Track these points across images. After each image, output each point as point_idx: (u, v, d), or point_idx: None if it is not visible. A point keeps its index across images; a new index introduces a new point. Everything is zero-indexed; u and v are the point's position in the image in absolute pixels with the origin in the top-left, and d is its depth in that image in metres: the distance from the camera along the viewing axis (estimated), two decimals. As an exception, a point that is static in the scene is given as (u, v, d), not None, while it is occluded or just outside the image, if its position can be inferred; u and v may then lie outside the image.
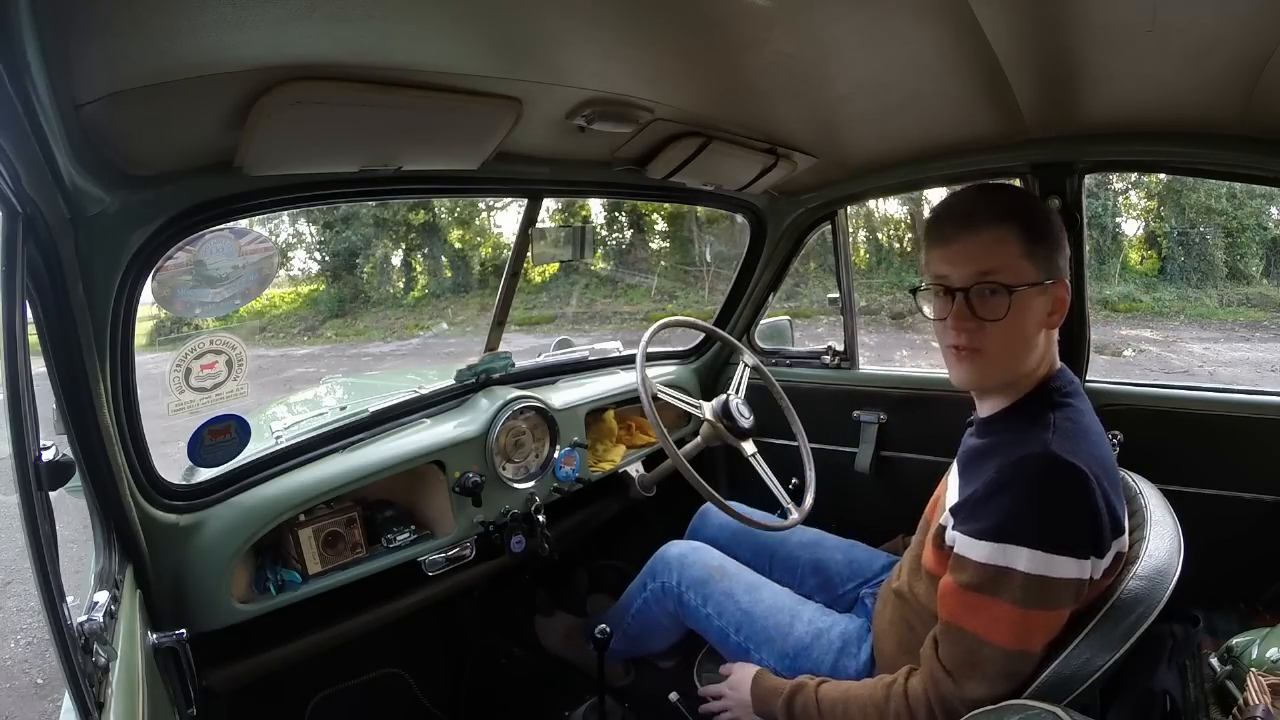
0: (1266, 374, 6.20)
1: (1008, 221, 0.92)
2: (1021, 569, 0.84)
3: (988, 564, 0.86)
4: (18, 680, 2.61)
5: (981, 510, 0.89)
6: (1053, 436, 0.88)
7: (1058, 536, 0.84)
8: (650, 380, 1.49)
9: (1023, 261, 0.92)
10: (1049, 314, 0.95)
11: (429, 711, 1.66)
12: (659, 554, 1.39)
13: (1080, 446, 0.88)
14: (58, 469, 0.73)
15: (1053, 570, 0.84)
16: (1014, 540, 0.85)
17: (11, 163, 0.65)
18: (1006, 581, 0.85)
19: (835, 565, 1.40)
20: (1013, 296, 0.91)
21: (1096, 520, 0.86)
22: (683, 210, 9.49)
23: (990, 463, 0.93)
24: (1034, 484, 0.86)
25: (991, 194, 0.98)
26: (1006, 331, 0.93)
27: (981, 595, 0.87)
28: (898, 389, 1.82)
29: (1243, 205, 8.10)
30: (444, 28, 0.85)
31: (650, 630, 1.40)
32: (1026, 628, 0.86)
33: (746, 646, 1.20)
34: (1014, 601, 0.85)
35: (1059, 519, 0.85)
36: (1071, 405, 0.95)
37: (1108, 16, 0.88)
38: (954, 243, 0.95)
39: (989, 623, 0.86)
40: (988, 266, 0.92)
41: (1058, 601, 0.85)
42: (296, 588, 1.22)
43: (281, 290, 10.70)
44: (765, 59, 1.04)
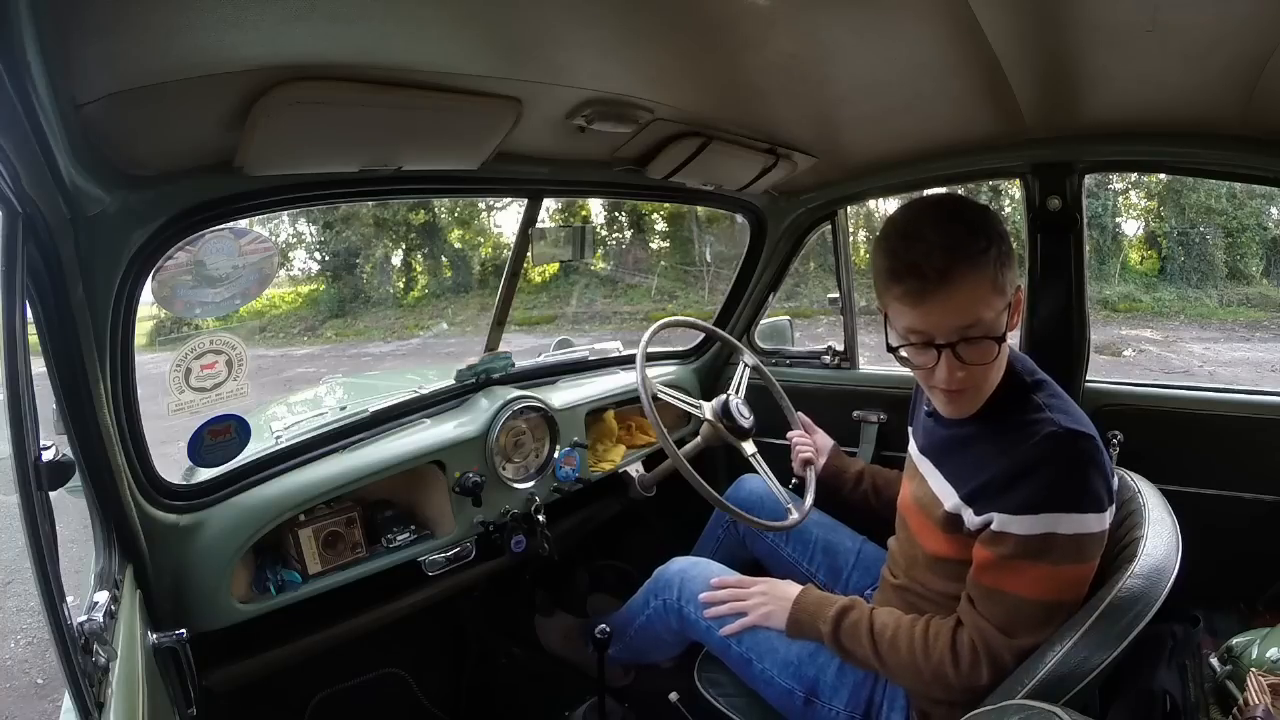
0: (1266, 374, 6.21)
1: (981, 267, 0.90)
2: (1064, 532, 0.91)
3: (1032, 535, 0.92)
4: (18, 680, 2.61)
5: (1015, 488, 0.94)
6: (1055, 415, 0.96)
7: (1090, 498, 0.92)
8: (650, 380, 1.49)
9: (992, 297, 0.92)
10: (1011, 319, 0.99)
11: (429, 711, 1.66)
12: (660, 571, 1.38)
13: (1075, 415, 0.98)
14: (58, 469, 0.73)
15: (1085, 527, 0.91)
16: (1054, 508, 0.91)
17: (11, 163, 0.65)
18: (1051, 547, 0.91)
19: (845, 553, 1.44)
20: (1001, 344, 0.95)
21: (1107, 476, 0.95)
22: (683, 210, 9.49)
23: (989, 447, 0.99)
24: (1065, 456, 0.92)
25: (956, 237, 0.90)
26: (990, 368, 0.97)
27: (1024, 561, 0.93)
28: (898, 389, 1.82)
29: (1243, 205, 8.11)
30: (444, 28, 0.85)
31: (653, 645, 1.40)
32: (1064, 581, 0.93)
33: (749, 657, 1.19)
34: (1054, 562, 0.92)
35: (1086, 483, 0.92)
36: (1043, 381, 1.04)
37: (1108, 16, 0.88)
38: (928, 302, 0.91)
39: (1030, 582, 0.93)
40: (970, 320, 0.92)
41: (1088, 555, 0.93)
42: (296, 588, 1.22)
43: (281, 290, 10.70)
44: (765, 59, 1.04)
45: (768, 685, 1.17)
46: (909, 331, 0.96)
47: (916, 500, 1.13)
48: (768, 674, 1.16)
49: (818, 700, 1.12)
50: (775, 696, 1.17)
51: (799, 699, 1.13)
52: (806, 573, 1.45)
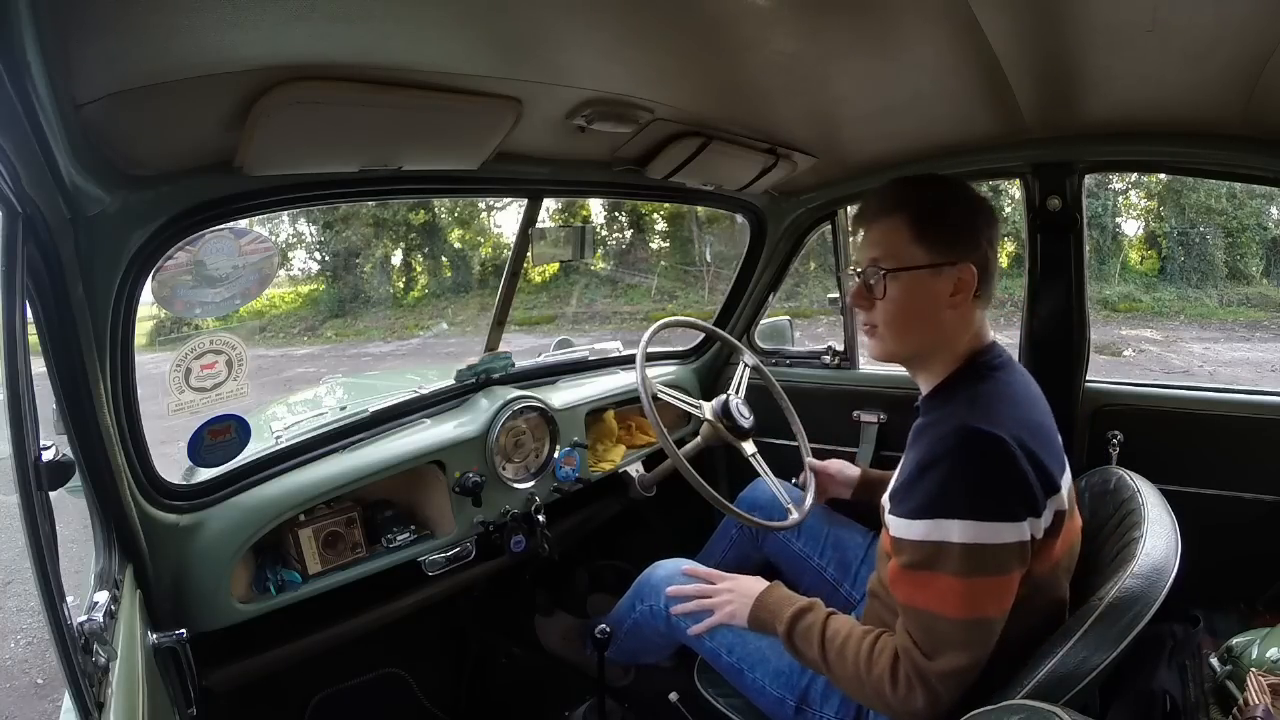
0: (1266, 374, 6.21)
1: (897, 212, 1.00)
2: (957, 540, 0.87)
3: (923, 541, 0.89)
4: (18, 680, 2.61)
5: (911, 490, 0.93)
6: (970, 410, 0.93)
7: (988, 504, 0.87)
8: (650, 380, 1.49)
9: (911, 247, 0.99)
10: (951, 294, 0.99)
11: (429, 711, 1.66)
12: (645, 575, 1.37)
13: (998, 413, 0.92)
14: (58, 469, 0.73)
15: (989, 537, 0.86)
16: (945, 514, 0.88)
17: (11, 163, 0.65)
18: (944, 555, 0.88)
19: (855, 547, 1.44)
20: (888, 278, 1.00)
21: (1023, 483, 0.88)
22: (683, 210, 9.49)
23: (922, 440, 0.97)
24: (954, 457, 0.89)
25: (888, 189, 1.04)
26: (891, 309, 1.01)
27: (924, 572, 0.90)
28: (898, 389, 1.82)
29: (1243, 205, 8.10)
30: (444, 28, 0.85)
31: (644, 647, 1.40)
32: (974, 595, 0.88)
33: (740, 667, 1.18)
34: (954, 573, 0.87)
35: (985, 487, 0.88)
36: (997, 377, 0.99)
37: (1108, 16, 0.88)
38: (858, 233, 1.07)
39: (937, 597, 0.89)
40: (877, 254, 1.01)
41: (1001, 567, 0.88)
42: (296, 588, 1.22)
43: (281, 290, 10.69)
44: (765, 59, 1.04)
45: (759, 694, 1.16)
46: (853, 263, 1.09)
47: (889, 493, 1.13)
48: (759, 683, 1.16)
49: (809, 708, 1.12)
50: (767, 705, 1.16)
51: (790, 707, 1.13)
52: (817, 566, 1.45)
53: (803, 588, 1.49)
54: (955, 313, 1.00)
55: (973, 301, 1.00)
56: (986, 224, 1.01)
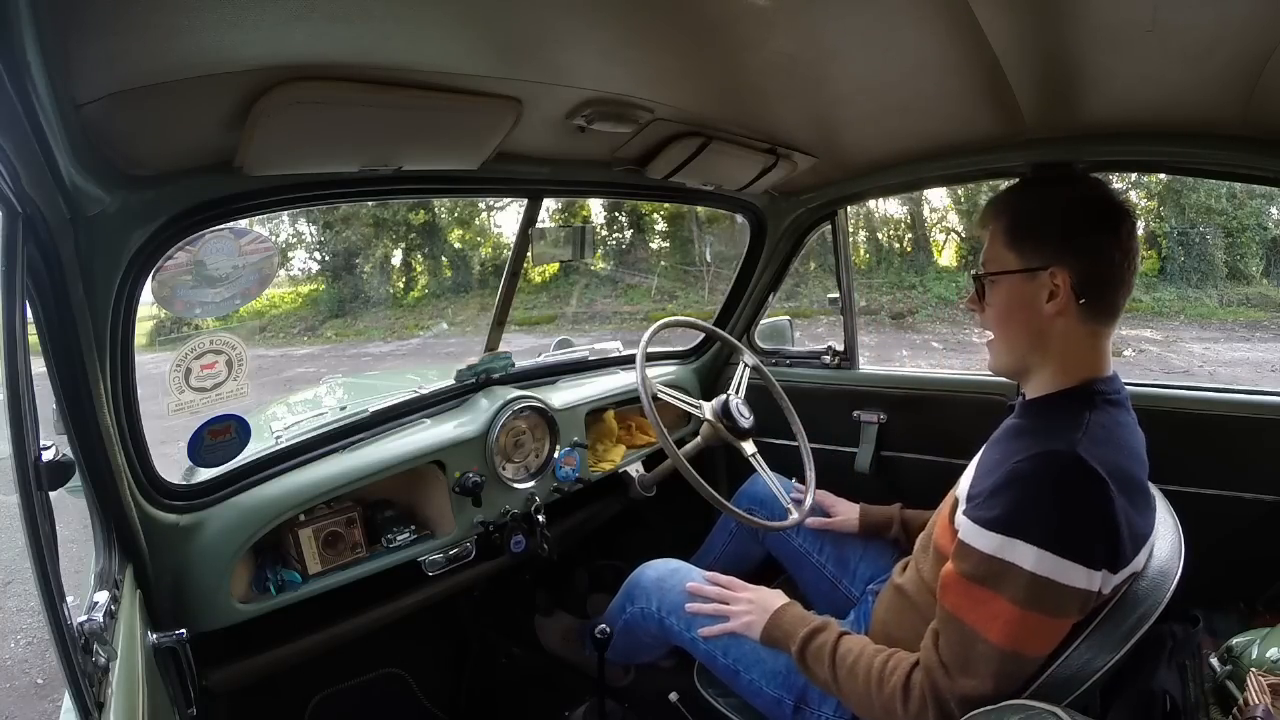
0: (1266, 374, 6.21)
1: (996, 219, 1.01)
2: (1028, 567, 0.81)
3: (993, 556, 0.84)
4: (18, 680, 2.61)
5: (995, 499, 0.87)
6: (1081, 437, 0.86)
7: (1071, 540, 0.81)
8: (650, 380, 1.49)
9: (1006, 252, 0.99)
10: (1047, 301, 0.95)
11: (429, 711, 1.66)
12: (634, 577, 1.36)
13: (1108, 454, 0.86)
14: (58, 469, 0.73)
15: (1060, 575, 0.81)
16: (1024, 536, 0.82)
17: (11, 163, 0.65)
18: (1010, 577, 0.83)
19: (854, 543, 1.45)
20: (989, 283, 1.01)
21: (1114, 531, 0.83)
22: (683, 210, 9.49)
23: (1013, 446, 0.92)
24: (1052, 480, 0.83)
25: (999, 196, 1.06)
26: (997, 316, 1.01)
27: (983, 588, 0.85)
28: (898, 389, 1.82)
29: (1243, 205, 8.10)
30: (444, 28, 0.85)
31: (637, 648, 1.39)
32: (1024, 629, 0.83)
33: (736, 669, 1.17)
34: (1014, 600, 0.82)
35: (1075, 522, 0.82)
36: (1110, 412, 0.93)
37: (1108, 16, 0.88)
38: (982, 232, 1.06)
39: (987, 618, 0.84)
40: (984, 259, 1.02)
41: (1060, 609, 0.83)
42: (296, 588, 1.22)
43: (281, 290, 10.70)
44: (765, 59, 1.04)
45: (756, 695, 1.16)
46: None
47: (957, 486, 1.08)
48: (755, 684, 1.15)
49: (807, 707, 1.12)
50: (765, 705, 1.16)
51: (788, 707, 1.13)
52: (816, 563, 1.45)
53: (802, 584, 1.49)
54: (1063, 322, 0.94)
55: (1081, 314, 0.94)
56: (1091, 228, 0.94)
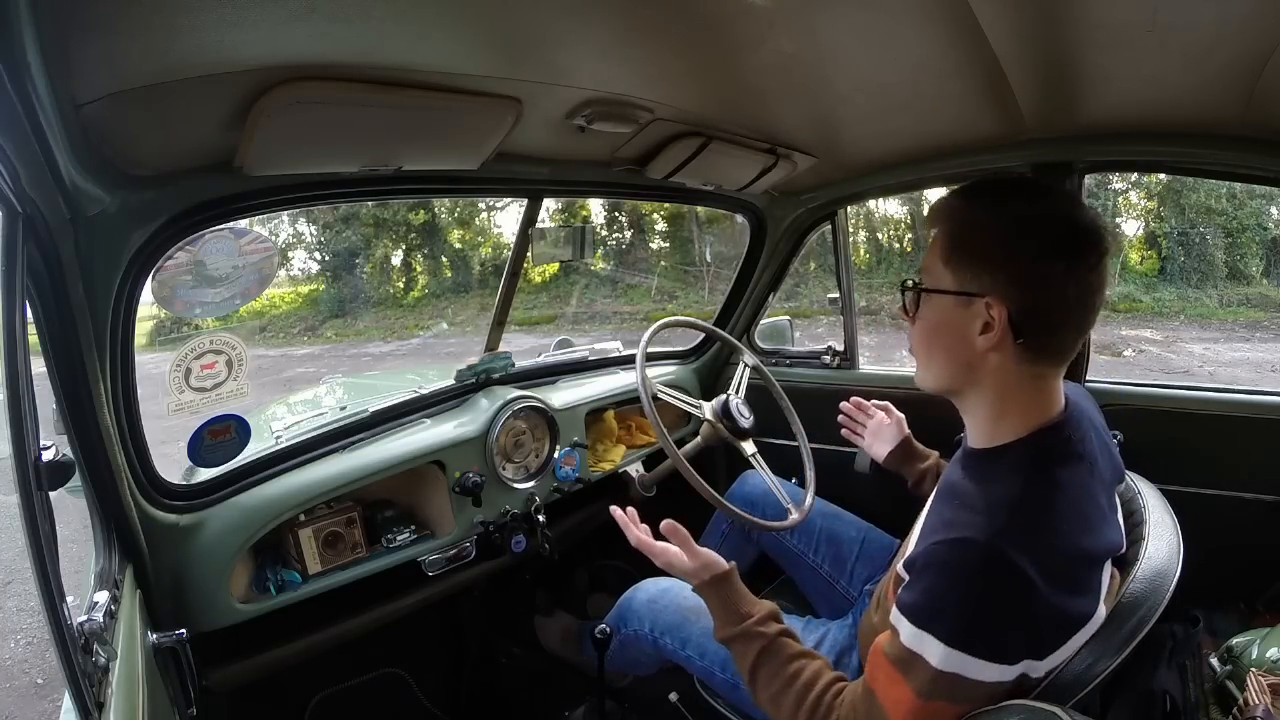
0: (1266, 374, 6.20)
1: (938, 224, 0.89)
2: (934, 663, 0.75)
3: (904, 645, 0.79)
4: (18, 680, 2.61)
5: (915, 582, 0.80)
6: (1008, 519, 0.77)
7: (979, 638, 0.75)
8: (650, 380, 1.49)
9: (941, 267, 0.87)
10: (981, 333, 0.84)
11: (429, 711, 1.66)
12: (626, 598, 1.36)
13: (1040, 538, 0.77)
14: (58, 469, 0.73)
15: (967, 670, 0.75)
16: (932, 631, 0.76)
17: (11, 163, 0.65)
18: (917, 668, 0.77)
19: (849, 543, 1.44)
20: (916, 294, 0.90)
21: (1034, 627, 0.76)
22: (683, 210, 9.49)
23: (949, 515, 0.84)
24: (965, 574, 0.76)
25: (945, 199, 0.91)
26: (922, 334, 0.91)
27: (895, 669, 0.80)
28: (898, 389, 1.82)
29: (1243, 205, 8.10)
30: (444, 28, 0.85)
31: (634, 664, 1.40)
32: (926, 715, 0.77)
33: (734, 682, 1.15)
34: (918, 691, 0.77)
35: (987, 620, 0.75)
36: (1056, 477, 0.82)
37: (1108, 16, 0.88)
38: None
39: (894, 700, 0.80)
40: (923, 266, 0.91)
41: (965, 698, 0.76)
42: (296, 588, 1.22)
43: (281, 290, 10.69)
44: (765, 59, 1.04)
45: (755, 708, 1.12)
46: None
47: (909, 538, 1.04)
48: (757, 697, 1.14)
49: None
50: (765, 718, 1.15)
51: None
52: (812, 563, 1.45)
53: (799, 584, 1.49)
54: (997, 359, 0.84)
55: (1019, 354, 0.83)
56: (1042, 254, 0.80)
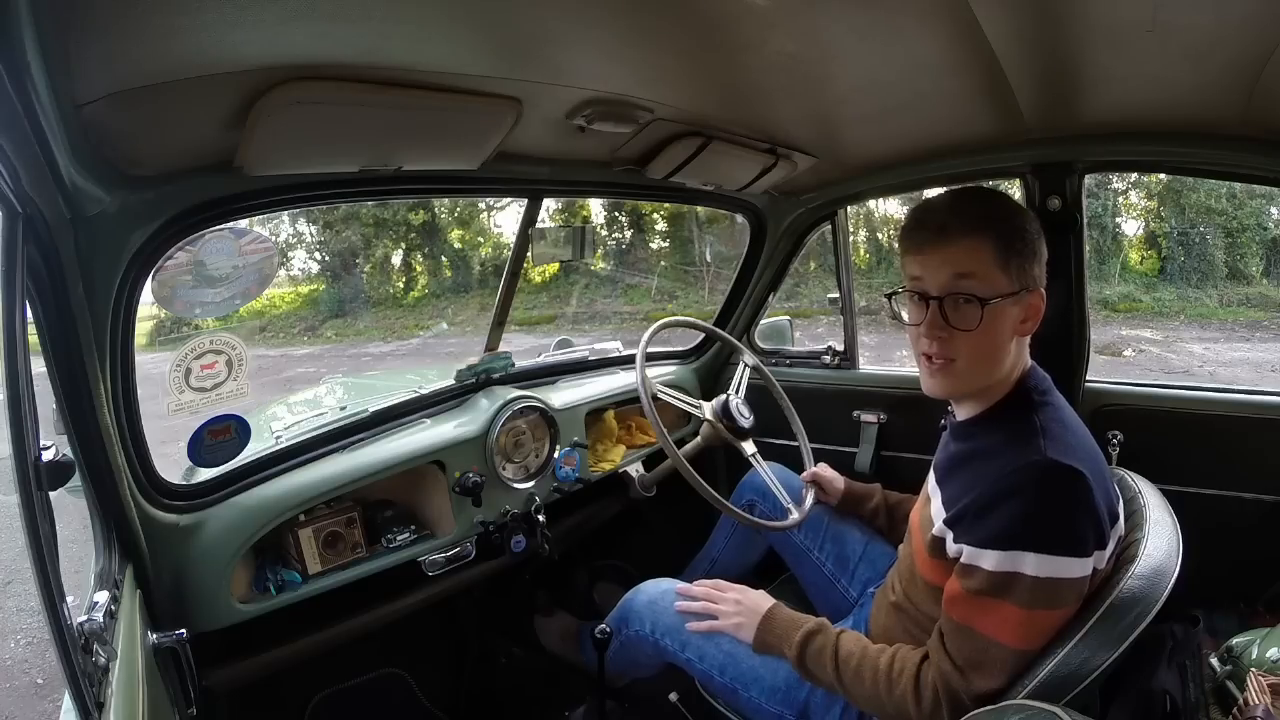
0: (1266, 374, 6.20)
1: (982, 231, 0.93)
2: (1030, 573, 0.86)
3: (996, 571, 0.88)
4: (18, 680, 2.61)
5: (985, 519, 0.90)
6: (1046, 442, 0.89)
7: (1063, 540, 0.86)
8: (650, 380, 1.49)
9: (996, 272, 0.92)
10: (1022, 321, 0.96)
11: (429, 711, 1.66)
12: (627, 599, 1.36)
13: (1072, 446, 0.90)
14: (58, 469, 0.73)
15: (1059, 571, 0.86)
16: (1022, 546, 0.86)
17: (11, 163, 0.65)
18: (1015, 586, 0.87)
19: (854, 543, 1.44)
20: (985, 309, 0.92)
21: (1097, 517, 0.88)
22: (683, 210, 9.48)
23: (978, 468, 0.95)
24: (1037, 490, 0.87)
25: (967, 202, 0.98)
26: (978, 342, 0.94)
27: (991, 599, 0.89)
28: (898, 389, 1.82)
29: (1243, 205, 8.10)
30: (444, 28, 0.85)
31: (634, 666, 1.40)
32: (1033, 627, 0.88)
33: (734, 687, 1.16)
34: (1021, 604, 0.87)
35: (1063, 523, 0.87)
36: (1050, 404, 0.97)
37: (1108, 16, 0.88)
38: (928, 250, 0.95)
39: (998, 624, 0.89)
40: (961, 272, 0.93)
41: (1063, 601, 0.88)
42: (296, 588, 1.22)
43: (281, 290, 10.69)
44: (765, 59, 1.04)
45: (757, 712, 1.15)
46: (911, 279, 0.98)
47: (920, 520, 1.09)
48: (755, 702, 1.14)
49: None
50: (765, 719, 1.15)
51: None
52: (816, 560, 1.45)
53: (802, 581, 1.49)
54: (1019, 340, 0.97)
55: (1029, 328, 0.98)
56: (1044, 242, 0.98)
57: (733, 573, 1.61)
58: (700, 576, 1.38)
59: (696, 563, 1.68)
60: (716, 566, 1.64)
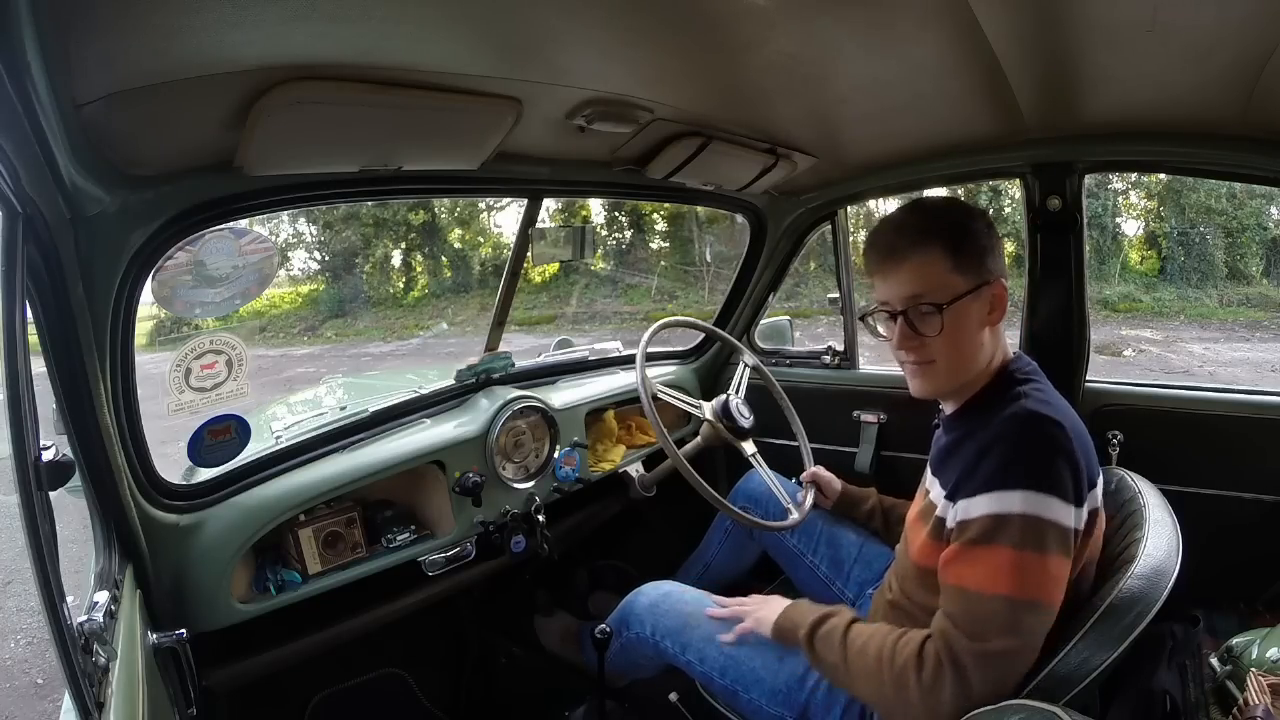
0: (1266, 374, 6.21)
1: (928, 243, 0.99)
2: (1017, 510, 0.88)
3: (986, 515, 0.90)
4: (18, 680, 2.61)
5: (974, 475, 0.93)
6: (1026, 401, 0.95)
7: (1046, 479, 0.89)
8: (650, 380, 1.49)
9: (951, 276, 0.99)
10: (989, 313, 1.02)
11: (429, 711, 1.66)
12: (628, 601, 1.36)
13: (1053, 405, 0.96)
14: (58, 469, 0.73)
15: (1045, 510, 0.88)
16: (1007, 485, 0.89)
17: (11, 163, 0.65)
18: (1005, 526, 0.88)
19: (849, 545, 1.44)
20: (944, 313, 0.99)
21: (1076, 467, 0.91)
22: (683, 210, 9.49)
23: (968, 447, 0.98)
24: (1018, 434, 0.92)
25: (912, 216, 1.04)
26: (947, 342, 1.00)
27: (981, 546, 0.90)
28: (898, 389, 1.81)
29: (1243, 205, 8.10)
30: (444, 28, 0.85)
31: (634, 667, 1.40)
32: (1025, 572, 0.88)
33: (735, 689, 1.17)
34: (1012, 544, 0.88)
35: (1045, 464, 0.90)
36: (1034, 382, 1.01)
37: (1108, 16, 0.88)
38: (884, 272, 1.03)
39: (991, 573, 0.89)
40: (918, 290, 1.00)
41: (1050, 545, 0.88)
42: (296, 588, 1.22)
43: (281, 290, 10.69)
44: (765, 59, 1.04)
45: (757, 714, 1.15)
46: (878, 303, 1.06)
47: (920, 512, 1.11)
48: (756, 703, 1.15)
49: None
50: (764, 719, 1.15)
51: None
52: (810, 564, 1.45)
53: (797, 584, 1.50)
54: (992, 330, 1.03)
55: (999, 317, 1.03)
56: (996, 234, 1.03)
57: (727, 576, 1.61)
58: (694, 579, 1.38)
59: (689, 565, 1.68)
60: (710, 570, 1.63)
